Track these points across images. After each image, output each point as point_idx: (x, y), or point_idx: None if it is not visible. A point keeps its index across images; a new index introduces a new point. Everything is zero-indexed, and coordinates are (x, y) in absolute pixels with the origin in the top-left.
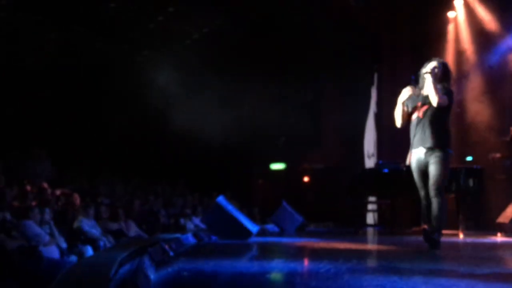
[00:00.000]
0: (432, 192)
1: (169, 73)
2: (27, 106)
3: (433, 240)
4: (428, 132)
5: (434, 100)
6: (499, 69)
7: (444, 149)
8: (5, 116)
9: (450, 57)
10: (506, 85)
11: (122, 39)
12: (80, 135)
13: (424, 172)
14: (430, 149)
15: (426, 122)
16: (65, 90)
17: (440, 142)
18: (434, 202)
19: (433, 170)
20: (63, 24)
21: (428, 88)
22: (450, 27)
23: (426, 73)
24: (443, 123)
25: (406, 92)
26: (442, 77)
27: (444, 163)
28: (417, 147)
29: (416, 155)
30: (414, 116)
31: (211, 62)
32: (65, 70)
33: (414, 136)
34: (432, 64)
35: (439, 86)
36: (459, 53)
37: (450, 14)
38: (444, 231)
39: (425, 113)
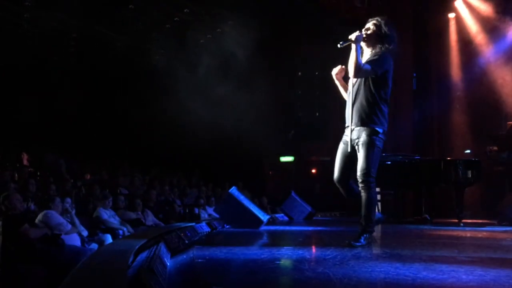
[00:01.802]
0: (359, 184)
1: (184, 69)
2: (51, 103)
3: (358, 234)
4: (356, 108)
5: (350, 73)
6: (502, 62)
7: (374, 129)
8: (30, 111)
9: (454, 54)
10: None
11: (141, 38)
12: (101, 130)
13: (347, 154)
14: (358, 127)
15: (356, 96)
16: (87, 87)
17: (369, 119)
18: (363, 197)
19: (359, 157)
20: (84, 23)
21: (350, 58)
22: (452, 26)
23: (349, 40)
24: (376, 96)
25: (335, 70)
26: (376, 39)
27: (372, 148)
28: (347, 124)
29: (345, 133)
30: (348, 90)
31: (222, 58)
32: (88, 68)
33: (347, 110)
34: (366, 26)
35: (372, 51)
36: (465, 44)
37: (451, 15)
38: (443, 220)
39: (354, 85)
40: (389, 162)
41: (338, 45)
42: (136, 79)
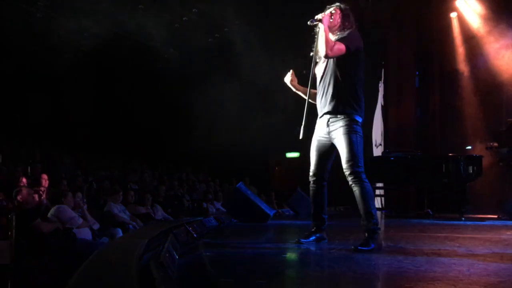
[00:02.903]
0: (348, 178)
1: (191, 67)
2: (63, 100)
3: (365, 238)
4: (330, 93)
5: (322, 52)
6: (503, 59)
7: (351, 116)
8: (43, 108)
9: (456, 52)
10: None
11: (150, 38)
12: (111, 128)
13: (322, 146)
14: (333, 116)
15: (328, 80)
16: (98, 86)
17: (344, 104)
18: (356, 192)
19: (341, 149)
20: (96, 23)
21: (320, 39)
22: (454, 24)
23: (317, 19)
24: (349, 78)
25: (287, 77)
26: (341, 23)
27: (354, 136)
28: (320, 114)
29: (319, 124)
30: (318, 75)
31: (230, 57)
32: (99, 67)
33: (318, 99)
34: (328, 10)
35: (338, 34)
36: (467, 43)
37: (453, 14)
38: (445, 215)
39: (325, 71)
40: (392, 158)
41: (308, 23)
42: (145, 78)
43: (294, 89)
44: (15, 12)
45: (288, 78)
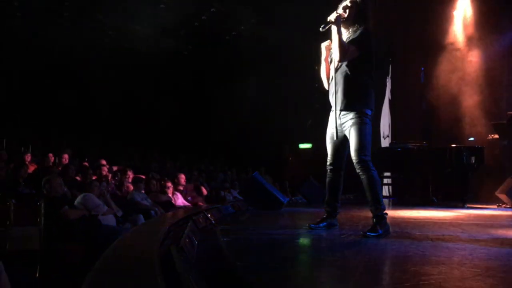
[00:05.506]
0: (356, 167)
1: (209, 63)
2: (88, 95)
3: (373, 224)
4: (340, 89)
5: (336, 57)
6: (503, 56)
7: (360, 110)
8: (70, 103)
9: (458, 49)
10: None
11: (170, 36)
12: (134, 121)
13: (336, 139)
14: (343, 111)
15: (339, 76)
16: (121, 81)
17: (354, 101)
18: (363, 180)
19: (350, 140)
20: (119, 22)
21: (333, 41)
22: (456, 22)
23: (330, 22)
24: (359, 76)
25: (324, 47)
26: (355, 18)
27: (362, 127)
28: (332, 108)
29: (331, 118)
30: (331, 71)
31: (246, 53)
32: (122, 63)
33: (331, 96)
34: (342, 4)
35: (350, 31)
36: (469, 40)
37: (455, 12)
38: (448, 203)
39: (337, 68)
40: (399, 149)
41: (320, 29)
42: (166, 72)
43: (323, 56)
44: (43, 11)
45: (325, 43)
